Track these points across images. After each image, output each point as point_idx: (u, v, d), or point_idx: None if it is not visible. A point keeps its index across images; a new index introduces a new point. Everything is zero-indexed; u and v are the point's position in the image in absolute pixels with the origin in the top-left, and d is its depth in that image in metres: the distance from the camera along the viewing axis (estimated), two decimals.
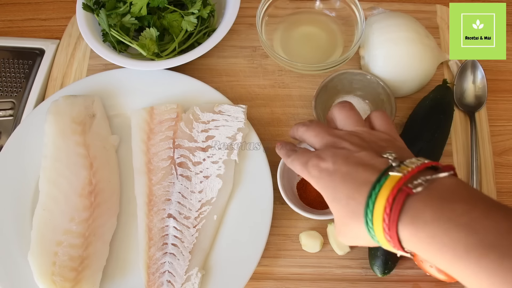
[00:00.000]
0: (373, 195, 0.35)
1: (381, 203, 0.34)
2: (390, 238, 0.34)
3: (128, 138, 0.59)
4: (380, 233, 0.35)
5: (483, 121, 0.62)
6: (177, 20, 0.62)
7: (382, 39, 0.59)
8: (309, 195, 0.55)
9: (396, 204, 0.34)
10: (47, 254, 0.51)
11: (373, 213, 0.35)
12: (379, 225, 0.35)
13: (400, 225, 0.34)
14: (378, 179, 0.36)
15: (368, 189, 0.36)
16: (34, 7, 0.73)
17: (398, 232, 0.34)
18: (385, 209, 0.34)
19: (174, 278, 0.52)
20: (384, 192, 0.35)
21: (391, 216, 0.34)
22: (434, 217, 0.32)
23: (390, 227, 0.34)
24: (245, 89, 0.65)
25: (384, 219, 0.34)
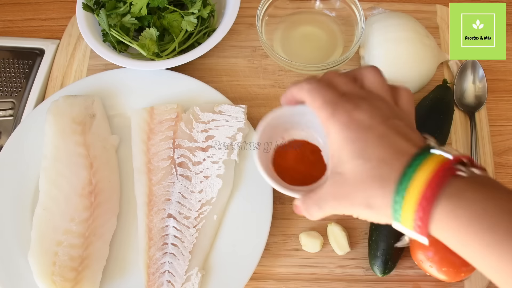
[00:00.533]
0: (413, 166, 0.33)
1: (424, 176, 0.32)
2: (423, 214, 0.32)
3: (128, 138, 0.59)
4: (410, 207, 0.32)
5: (483, 121, 0.62)
6: (177, 20, 0.62)
7: (382, 39, 0.59)
8: (284, 162, 0.47)
9: (442, 179, 0.32)
10: (47, 254, 0.51)
11: (408, 187, 0.32)
12: (413, 198, 0.32)
13: (439, 202, 0.31)
14: (420, 153, 0.33)
15: (408, 159, 0.33)
16: (34, 7, 0.73)
17: (433, 209, 0.32)
18: (429, 181, 0.31)
19: (174, 278, 0.52)
20: (429, 165, 0.32)
21: (434, 190, 0.31)
22: (477, 198, 0.31)
23: (429, 201, 0.31)
24: (245, 89, 0.65)
25: (423, 192, 0.31)
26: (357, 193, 0.35)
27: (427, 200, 0.31)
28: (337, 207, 0.36)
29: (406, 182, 0.32)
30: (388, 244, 0.52)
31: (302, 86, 0.39)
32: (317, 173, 0.44)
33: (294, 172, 0.45)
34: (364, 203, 0.35)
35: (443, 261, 0.48)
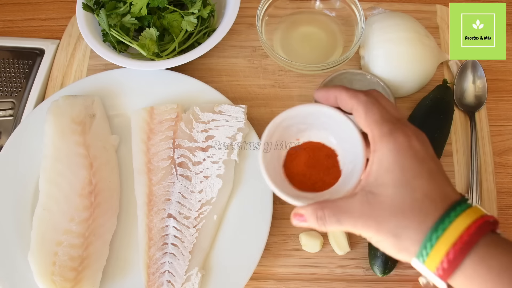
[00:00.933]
0: (457, 210, 0.33)
1: (464, 222, 0.32)
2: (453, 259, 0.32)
3: (128, 138, 0.59)
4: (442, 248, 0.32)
5: (483, 121, 0.62)
6: (177, 20, 0.62)
7: (382, 39, 0.59)
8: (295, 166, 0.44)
9: (481, 230, 0.32)
10: (47, 254, 0.51)
11: (448, 226, 0.32)
12: (448, 240, 0.32)
13: (473, 250, 0.32)
14: (461, 201, 0.34)
15: (451, 203, 0.33)
16: (34, 7, 0.73)
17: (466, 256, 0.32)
18: (467, 229, 0.32)
19: (174, 278, 0.52)
20: (470, 215, 0.33)
21: (472, 237, 0.32)
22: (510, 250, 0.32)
23: (463, 248, 0.32)
24: (245, 89, 0.65)
25: (461, 237, 0.32)
26: (389, 219, 0.34)
27: (463, 245, 0.32)
28: (359, 226, 0.35)
29: (447, 223, 0.32)
30: None
31: (358, 95, 0.37)
32: (329, 179, 0.42)
33: (304, 177, 0.43)
34: (392, 232, 0.34)
35: None
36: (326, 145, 0.43)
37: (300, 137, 0.44)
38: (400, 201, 0.33)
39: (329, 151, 0.43)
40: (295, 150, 0.44)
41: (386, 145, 0.35)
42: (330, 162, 0.43)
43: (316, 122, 0.42)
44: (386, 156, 0.34)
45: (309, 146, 0.44)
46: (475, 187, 0.57)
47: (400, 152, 0.34)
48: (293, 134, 0.44)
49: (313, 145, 0.44)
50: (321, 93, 0.40)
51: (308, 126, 0.43)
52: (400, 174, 0.34)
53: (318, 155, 0.43)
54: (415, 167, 0.34)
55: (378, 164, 0.35)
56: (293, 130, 0.43)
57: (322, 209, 0.36)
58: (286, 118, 0.42)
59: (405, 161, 0.34)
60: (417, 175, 0.34)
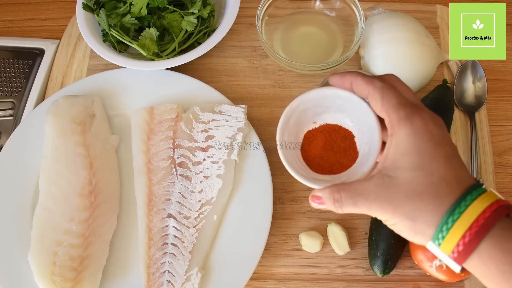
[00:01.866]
0: (474, 194, 0.33)
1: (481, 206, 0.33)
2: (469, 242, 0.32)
3: (128, 138, 0.59)
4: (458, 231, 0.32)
5: (483, 121, 0.62)
6: (177, 20, 0.62)
7: (382, 39, 0.59)
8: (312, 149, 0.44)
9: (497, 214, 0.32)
10: (47, 254, 0.51)
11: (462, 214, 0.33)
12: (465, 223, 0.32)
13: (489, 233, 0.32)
14: (476, 186, 0.34)
15: (467, 187, 0.34)
16: (34, 7, 0.73)
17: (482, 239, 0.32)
18: (483, 212, 0.32)
19: (174, 278, 0.52)
20: (487, 199, 0.33)
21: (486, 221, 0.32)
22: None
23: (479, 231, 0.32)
24: (245, 89, 0.65)
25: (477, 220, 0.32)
26: (405, 202, 0.34)
27: (479, 228, 0.32)
28: (375, 209, 0.35)
29: (463, 207, 0.33)
30: (388, 244, 0.52)
31: (373, 81, 0.37)
32: (346, 161, 0.42)
33: (321, 160, 0.43)
34: (408, 215, 0.34)
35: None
36: (343, 127, 0.44)
37: (317, 120, 0.44)
38: (417, 184, 0.34)
39: (346, 133, 0.44)
40: (312, 133, 0.44)
41: (403, 129, 0.35)
42: (347, 144, 0.43)
43: (332, 105, 0.43)
44: (403, 140, 0.35)
45: (325, 129, 0.44)
46: None
47: (417, 136, 0.34)
48: (310, 118, 0.44)
49: (329, 127, 0.44)
50: (336, 78, 0.40)
51: (324, 109, 0.43)
52: (417, 157, 0.34)
53: (335, 137, 0.44)
54: (432, 150, 0.34)
55: (395, 148, 0.35)
56: (310, 114, 0.44)
57: (338, 191, 0.36)
58: (302, 102, 0.42)
59: (422, 144, 0.34)
60: (434, 159, 0.34)
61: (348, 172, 0.41)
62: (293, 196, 0.58)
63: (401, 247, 0.53)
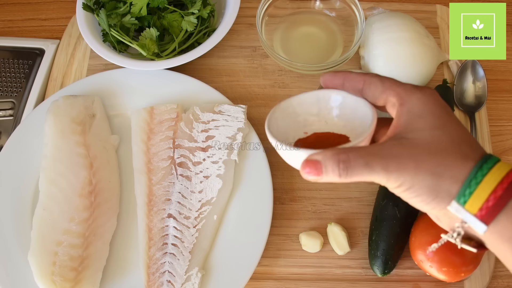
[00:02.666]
0: (489, 161, 0.32)
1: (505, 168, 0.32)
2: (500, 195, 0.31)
3: (128, 138, 0.59)
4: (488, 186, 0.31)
5: (483, 121, 0.62)
6: (177, 20, 0.62)
7: (382, 39, 0.59)
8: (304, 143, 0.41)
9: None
10: (47, 254, 0.51)
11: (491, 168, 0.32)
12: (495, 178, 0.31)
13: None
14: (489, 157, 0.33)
15: (483, 152, 0.33)
16: (34, 7, 0.73)
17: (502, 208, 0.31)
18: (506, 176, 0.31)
19: (174, 278, 0.52)
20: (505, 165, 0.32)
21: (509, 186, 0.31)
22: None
23: (509, 189, 0.31)
24: (245, 89, 0.65)
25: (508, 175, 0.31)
26: (430, 157, 0.32)
27: (510, 185, 0.31)
28: (393, 166, 0.32)
29: (491, 163, 0.32)
30: (388, 244, 0.52)
31: (367, 73, 0.38)
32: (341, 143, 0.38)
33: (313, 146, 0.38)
34: (432, 170, 0.32)
35: (443, 261, 0.48)
36: (335, 133, 0.41)
37: (307, 130, 0.42)
38: (439, 142, 0.33)
39: (339, 139, 0.41)
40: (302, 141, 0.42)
41: (414, 95, 0.34)
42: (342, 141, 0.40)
43: (322, 111, 0.41)
44: (416, 105, 0.34)
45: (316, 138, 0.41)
46: None
47: (429, 101, 0.34)
48: (300, 126, 0.41)
49: (321, 136, 0.42)
50: (327, 76, 0.39)
51: (314, 118, 0.41)
52: (434, 119, 0.34)
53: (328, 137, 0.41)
54: (446, 115, 0.34)
55: (408, 114, 0.34)
56: (300, 121, 0.41)
57: (346, 152, 0.33)
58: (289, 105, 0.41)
59: (436, 108, 0.34)
60: (449, 122, 0.34)
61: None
62: (293, 196, 0.58)
63: (401, 247, 0.53)
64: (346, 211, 0.57)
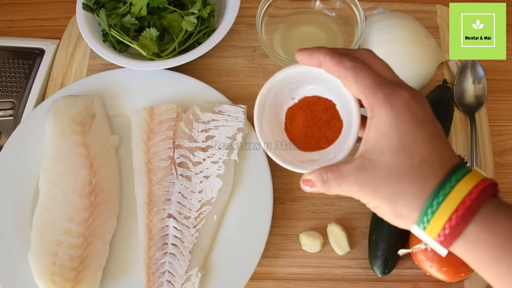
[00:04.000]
0: (458, 175, 0.32)
1: (466, 187, 0.31)
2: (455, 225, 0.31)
3: (128, 138, 0.59)
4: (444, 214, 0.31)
5: (483, 121, 0.62)
6: (177, 20, 0.62)
7: (382, 39, 0.59)
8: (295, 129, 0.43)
9: (484, 194, 0.31)
10: (47, 254, 0.51)
11: (446, 196, 0.31)
12: (451, 205, 0.31)
13: (476, 216, 0.31)
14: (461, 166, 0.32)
15: (450, 168, 0.32)
16: (34, 7, 0.73)
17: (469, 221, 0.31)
18: (470, 193, 0.31)
19: (174, 278, 0.52)
20: (472, 179, 0.32)
21: (474, 202, 0.31)
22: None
23: (466, 213, 0.30)
24: (245, 89, 0.65)
25: (464, 201, 0.31)
26: (386, 185, 0.32)
27: (466, 210, 0.31)
28: (355, 191, 0.34)
29: (448, 188, 0.31)
30: (388, 244, 0.52)
31: (343, 62, 0.35)
32: (331, 133, 0.41)
33: (306, 137, 0.41)
34: (389, 198, 0.32)
35: (443, 261, 0.48)
36: (322, 96, 0.42)
37: (294, 95, 0.42)
38: (397, 166, 0.32)
39: (326, 102, 0.41)
40: (292, 110, 0.43)
41: (383, 111, 0.33)
42: (330, 115, 0.41)
43: (305, 78, 0.41)
44: (383, 123, 0.33)
45: (305, 104, 0.42)
46: None
47: (397, 117, 0.33)
48: (286, 96, 0.42)
49: (308, 100, 0.42)
50: (303, 55, 0.38)
51: (298, 84, 0.41)
52: (397, 139, 0.32)
53: (315, 111, 0.42)
54: (413, 130, 0.33)
55: (375, 131, 0.33)
56: (285, 92, 0.42)
57: (326, 172, 0.36)
58: (273, 85, 0.41)
59: (403, 125, 0.33)
60: (415, 140, 0.32)
61: (335, 146, 0.40)
62: (293, 196, 0.58)
63: (401, 247, 0.53)
64: (346, 211, 0.57)
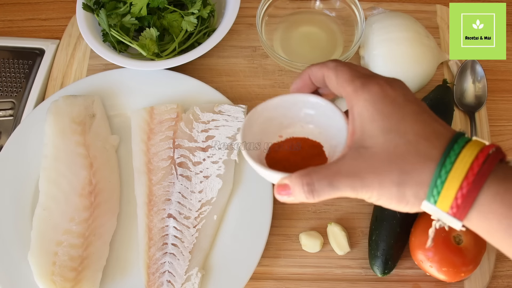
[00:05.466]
0: (460, 143, 0.31)
1: (471, 154, 0.30)
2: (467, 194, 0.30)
3: (128, 138, 0.59)
4: (454, 184, 0.30)
5: (483, 121, 0.62)
6: (177, 20, 0.62)
7: (382, 39, 0.59)
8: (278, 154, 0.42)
9: (491, 160, 0.30)
10: (47, 254, 0.51)
11: (453, 164, 0.30)
12: (459, 174, 0.30)
13: (486, 185, 0.30)
14: (459, 136, 0.31)
15: (448, 139, 0.31)
16: (34, 7, 0.73)
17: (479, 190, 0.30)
18: (476, 159, 0.30)
19: (174, 278, 0.52)
20: (474, 147, 0.30)
21: (483, 169, 0.29)
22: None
23: (477, 180, 0.29)
24: (245, 89, 0.65)
25: (472, 169, 0.29)
26: (390, 167, 0.31)
27: (475, 177, 0.29)
28: (358, 184, 0.32)
29: (453, 156, 0.30)
30: (388, 244, 0.52)
31: (326, 63, 0.37)
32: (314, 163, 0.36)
33: (287, 162, 0.40)
34: (396, 180, 0.31)
35: (443, 261, 0.48)
36: (310, 138, 0.41)
37: (283, 134, 0.42)
38: (395, 146, 0.31)
39: (314, 143, 0.41)
40: (278, 145, 0.42)
41: (361, 96, 0.33)
42: (315, 151, 0.41)
43: (298, 115, 0.41)
44: (365, 107, 0.33)
45: (291, 141, 0.42)
46: None
47: (377, 101, 0.32)
48: (275, 129, 0.42)
49: (296, 139, 0.42)
50: (295, 82, 0.39)
51: (290, 121, 0.41)
52: (385, 121, 0.32)
53: (302, 145, 0.42)
54: (396, 111, 0.32)
55: (359, 118, 0.33)
56: (275, 124, 0.41)
57: (309, 174, 0.33)
58: (266, 108, 0.40)
59: (385, 107, 0.32)
60: (402, 118, 0.32)
61: None
62: None
63: (401, 247, 0.53)
64: (346, 211, 0.57)
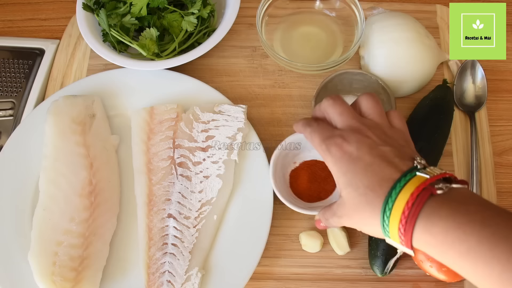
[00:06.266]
0: (393, 194, 0.38)
1: (403, 198, 0.37)
2: (404, 232, 0.37)
3: (128, 138, 0.59)
4: (394, 226, 0.37)
5: (483, 121, 0.62)
6: (177, 20, 0.62)
7: (382, 39, 0.59)
8: (300, 185, 0.55)
9: (419, 201, 0.36)
10: (47, 254, 0.51)
11: (391, 209, 0.37)
12: (396, 218, 0.37)
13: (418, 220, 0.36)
14: (401, 178, 0.38)
15: (390, 185, 0.38)
16: (34, 7, 0.73)
17: (413, 227, 0.36)
18: (407, 203, 0.36)
19: (174, 278, 0.52)
20: (408, 188, 0.37)
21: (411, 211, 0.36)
22: (449, 213, 0.35)
23: (408, 221, 0.36)
24: (245, 89, 0.65)
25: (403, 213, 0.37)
26: (354, 214, 0.41)
27: (406, 219, 0.37)
28: (347, 223, 0.43)
29: (390, 204, 0.38)
30: (388, 244, 0.52)
31: (305, 128, 0.47)
32: (329, 186, 0.54)
33: (309, 191, 0.54)
34: (361, 222, 0.41)
35: None
36: (318, 160, 0.56)
37: (296, 160, 0.57)
38: (352, 199, 0.40)
39: (322, 164, 0.54)
40: (295, 172, 0.56)
41: (328, 159, 0.43)
42: (326, 173, 0.54)
43: (305, 145, 0.54)
44: (332, 167, 0.42)
45: (305, 166, 0.56)
46: (475, 187, 0.57)
47: (337, 161, 0.42)
48: (290, 160, 0.56)
49: (308, 164, 0.56)
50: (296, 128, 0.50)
51: (300, 150, 0.55)
52: (344, 177, 0.41)
53: (315, 170, 0.55)
54: (351, 167, 0.41)
55: (333, 173, 0.43)
56: (290, 156, 0.56)
57: (324, 213, 0.46)
58: (283, 148, 0.54)
59: (343, 166, 0.41)
60: (355, 174, 0.40)
61: (332, 196, 0.54)
62: None
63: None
64: None
